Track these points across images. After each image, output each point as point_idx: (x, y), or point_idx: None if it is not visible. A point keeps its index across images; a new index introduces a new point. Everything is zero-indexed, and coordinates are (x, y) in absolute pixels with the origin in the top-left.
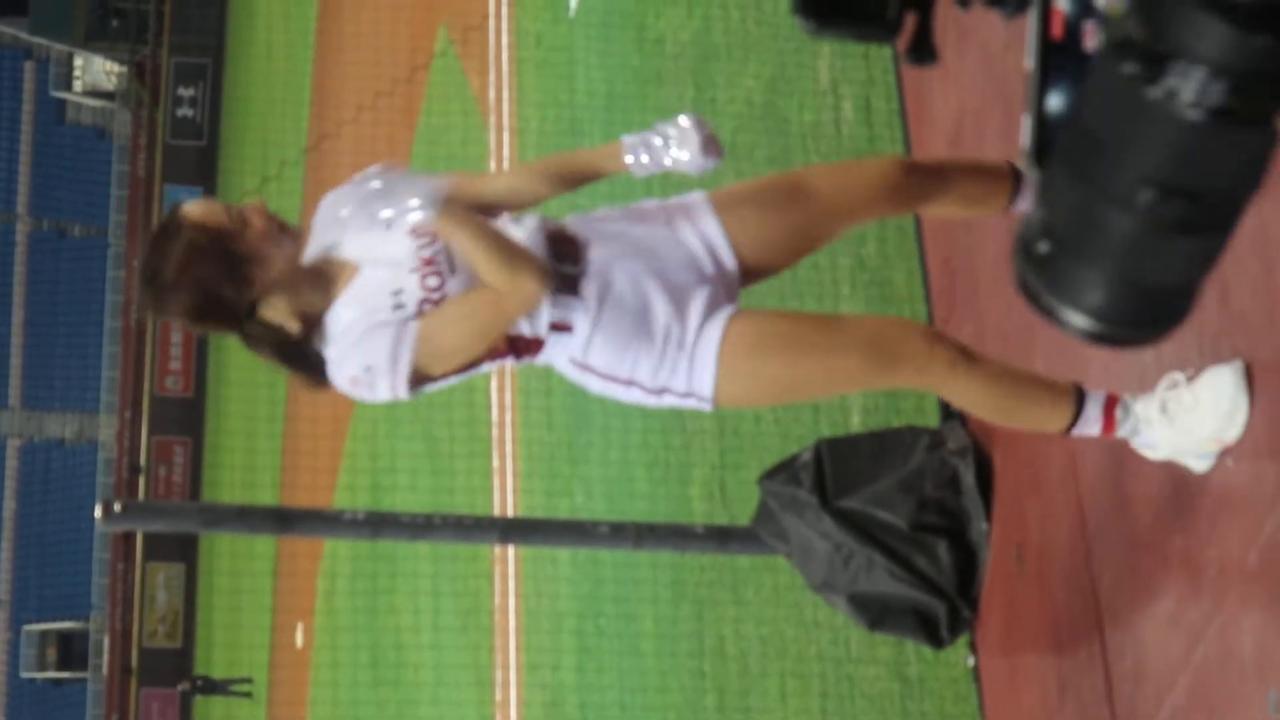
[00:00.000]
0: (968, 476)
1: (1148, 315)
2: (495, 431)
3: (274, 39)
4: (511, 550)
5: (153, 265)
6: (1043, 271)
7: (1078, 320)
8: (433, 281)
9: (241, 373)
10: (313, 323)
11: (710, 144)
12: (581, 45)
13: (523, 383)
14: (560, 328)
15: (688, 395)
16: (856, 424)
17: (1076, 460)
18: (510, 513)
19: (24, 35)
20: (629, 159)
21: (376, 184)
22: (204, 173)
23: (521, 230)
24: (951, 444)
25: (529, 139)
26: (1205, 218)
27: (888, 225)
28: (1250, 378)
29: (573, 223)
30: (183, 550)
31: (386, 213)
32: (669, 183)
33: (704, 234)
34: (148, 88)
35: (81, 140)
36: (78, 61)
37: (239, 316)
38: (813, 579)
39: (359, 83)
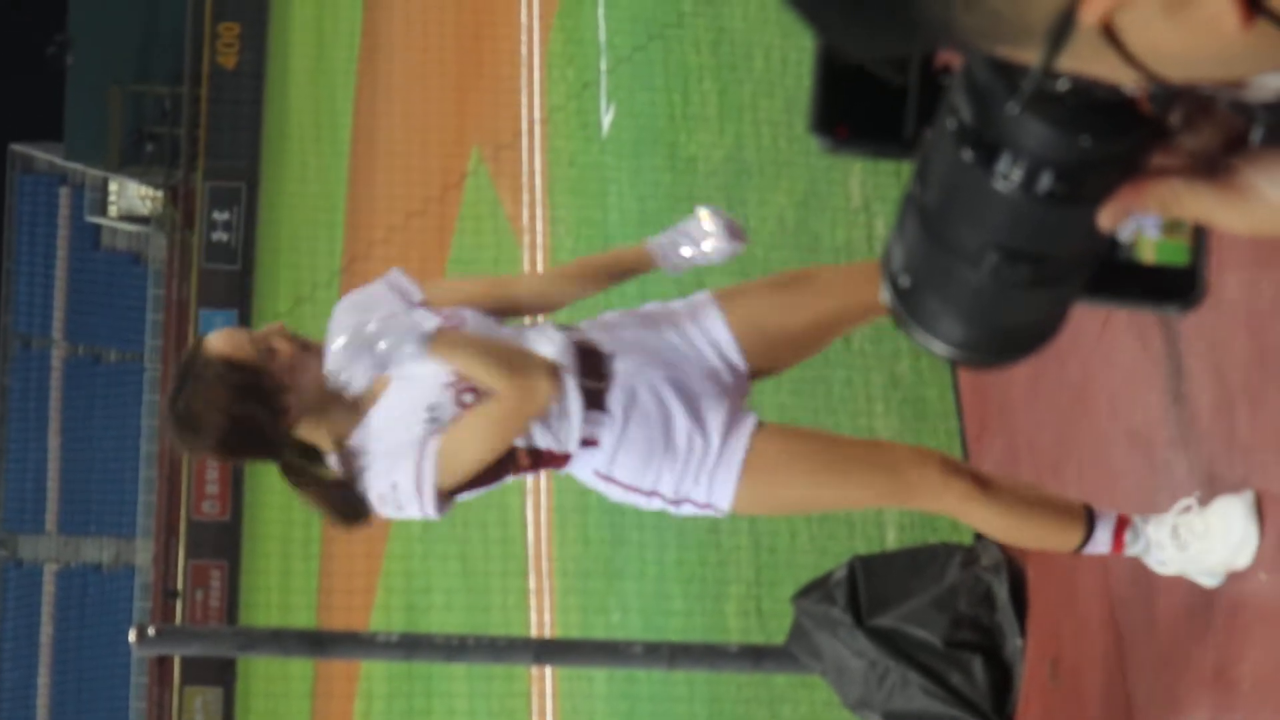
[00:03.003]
0: (1002, 593)
1: (1006, 347)
2: (531, 551)
3: (307, 161)
4: (549, 671)
5: (183, 405)
6: (905, 302)
7: (939, 348)
8: (468, 398)
9: (277, 496)
10: (344, 444)
11: (733, 230)
12: (613, 165)
13: (558, 500)
14: (588, 443)
15: (706, 506)
16: (892, 540)
17: (1110, 575)
18: (547, 632)
19: (59, 161)
20: (658, 257)
21: (372, 327)
22: (238, 296)
23: (552, 345)
24: (985, 560)
25: (562, 258)
26: (1053, 274)
27: None
28: (1261, 507)
29: (592, 332)
30: (220, 674)
31: (393, 364)
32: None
33: (712, 338)
34: (182, 212)
35: (116, 265)
36: (113, 187)
37: (276, 446)
38: (848, 697)
39: (391, 203)
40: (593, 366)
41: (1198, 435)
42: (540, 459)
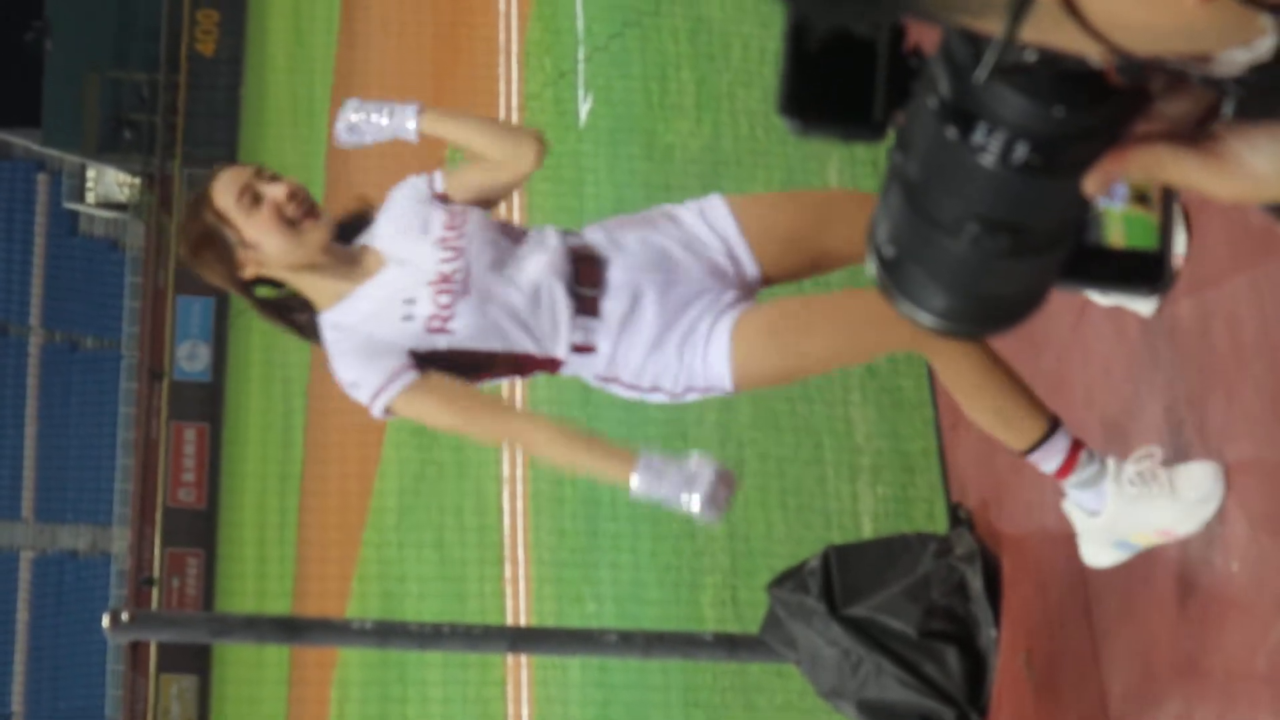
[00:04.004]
0: (976, 583)
1: (989, 317)
2: (507, 540)
3: (285, 150)
4: (524, 659)
5: (182, 234)
6: (890, 272)
7: (924, 319)
8: (444, 299)
9: (254, 482)
10: (331, 308)
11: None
12: (591, 154)
13: (534, 489)
14: (582, 349)
15: (709, 389)
16: (868, 530)
17: (1084, 565)
18: (523, 621)
19: (36, 147)
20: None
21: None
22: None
23: (546, 254)
24: (959, 550)
25: None
26: (1032, 244)
27: None
28: (1228, 484)
29: (593, 236)
30: (196, 662)
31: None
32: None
33: (723, 236)
34: (160, 199)
35: (94, 252)
36: (90, 173)
37: (240, 288)
38: (821, 686)
39: (368, 190)
40: (588, 273)
41: (1172, 426)
42: (524, 364)
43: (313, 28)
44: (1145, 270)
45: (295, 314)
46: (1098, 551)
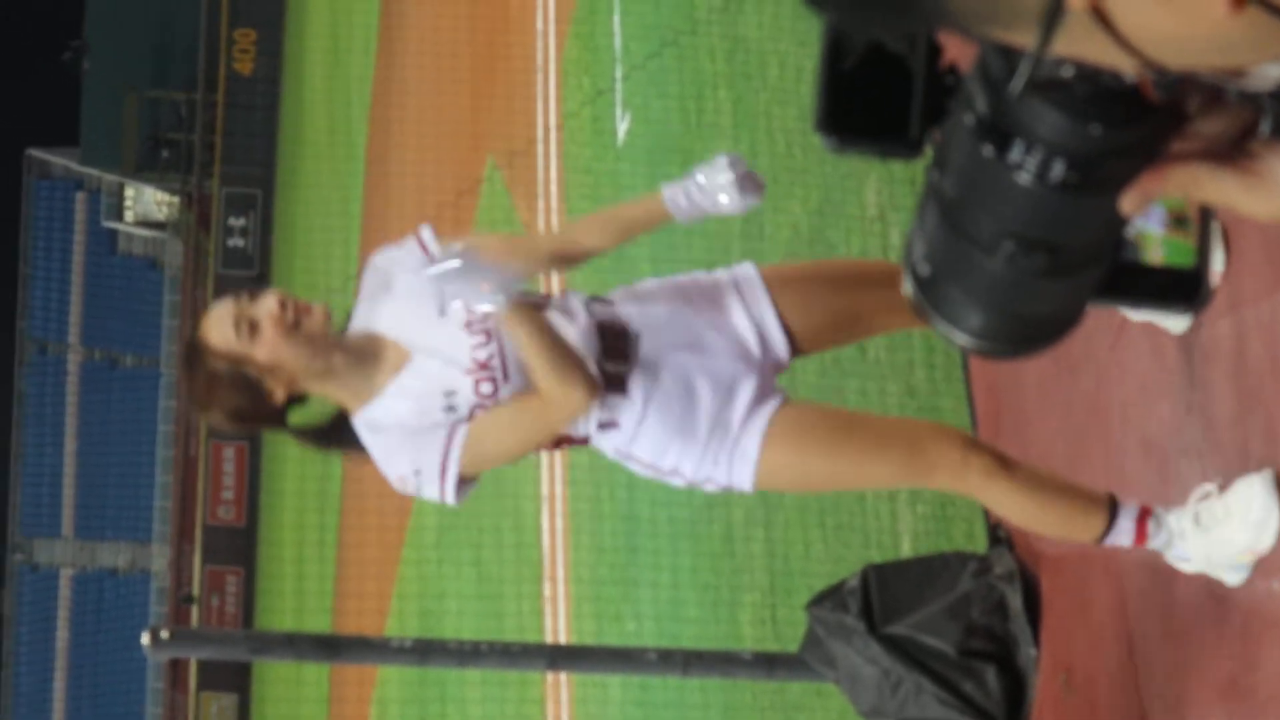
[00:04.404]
0: (1015, 601)
1: (1025, 337)
2: (546, 558)
3: (322, 167)
4: (564, 678)
5: (186, 390)
6: (925, 292)
7: (960, 338)
8: (486, 389)
9: (294, 500)
10: (359, 410)
11: (748, 181)
12: (628, 172)
13: (573, 508)
14: (606, 425)
15: (728, 487)
16: (907, 549)
17: (1124, 585)
18: (562, 640)
19: (75, 166)
20: (671, 207)
21: (456, 263)
22: None
23: (575, 328)
24: (998, 569)
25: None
26: (1069, 263)
27: (936, 352)
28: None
29: (622, 304)
30: (236, 680)
31: (456, 304)
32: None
33: (757, 317)
34: (198, 217)
35: (133, 270)
36: (129, 192)
37: (274, 421)
38: (861, 705)
39: (406, 208)
40: (616, 347)
41: (1211, 445)
42: (558, 441)
43: (350, 47)
44: (1182, 288)
45: (336, 434)
46: (1226, 578)
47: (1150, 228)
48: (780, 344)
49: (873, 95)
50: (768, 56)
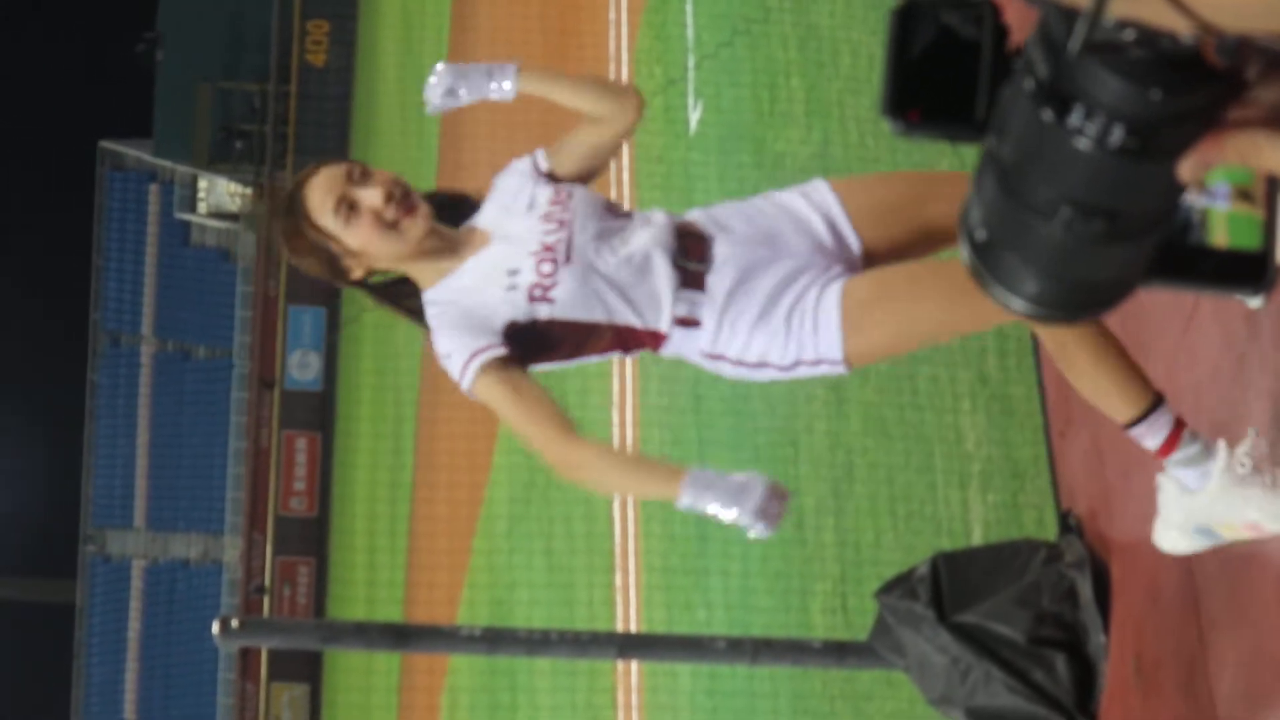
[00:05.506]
0: (1085, 589)
1: (1081, 303)
2: (617, 548)
3: (395, 158)
4: (635, 667)
5: (274, 233)
6: (982, 257)
7: (1016, 304)
8: (547, 268)
9: (365, 490)
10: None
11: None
12: (701, 161)
13: (644, 500)
14: (687, 322)
15: (819, 362)
16: (978, 538)
17: (1194, 572)
18: (633, 629)
19: (149, 158)
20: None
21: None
22: (328, 293)
23: (651, 227)
24: (1069, 557)
25: None
26: (1127, 230)
27: (1008, 340)
28: None
29: (698, 217)
30: (307, 670)
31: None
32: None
33: (827, 213)
34: (271, 209)
35: (206, 262)
36: (202, 184)
37: (354, 285)
38: (930, 693)
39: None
40: (694, 248)
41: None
42: (628, 338)
43: (422, 37)
44: (1248, 269)
45: (406, 299)
46: (1176, 537)
47: (1216, 204)
48: (851, 236)
49: (939, 78)
50: (840, 45)
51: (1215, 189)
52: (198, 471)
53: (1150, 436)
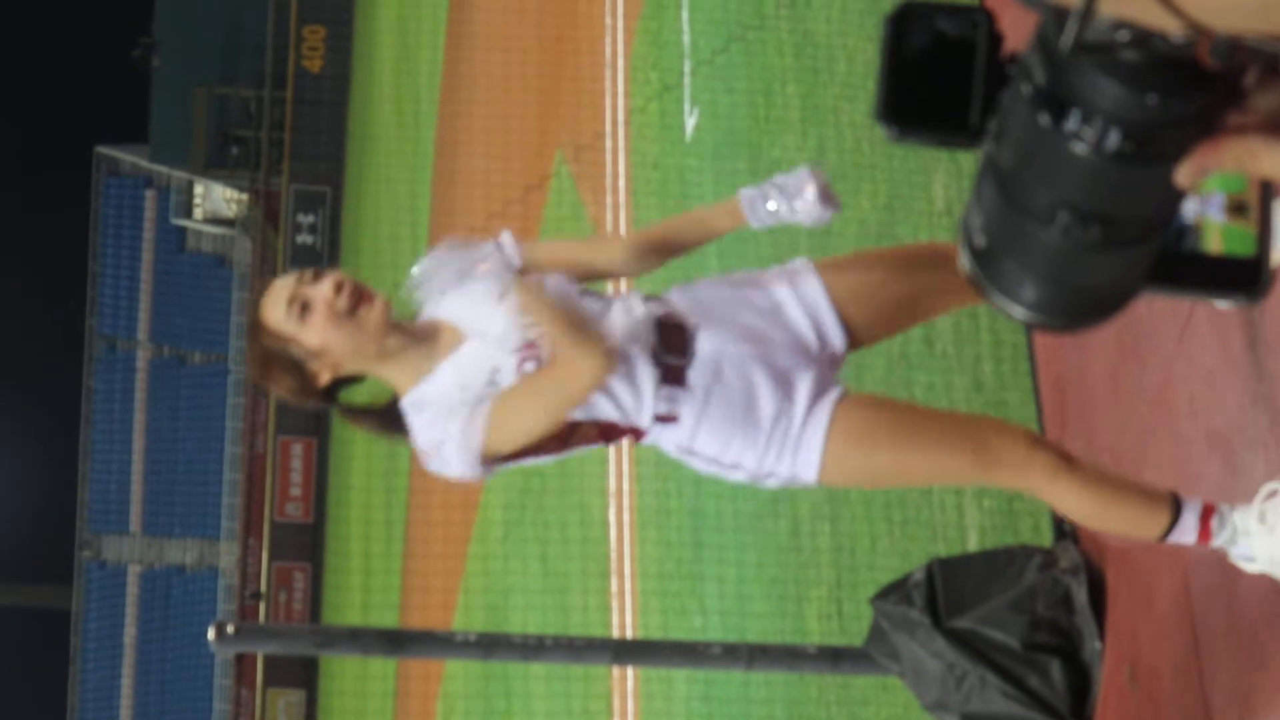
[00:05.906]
0: (1080, 595)
1: (1082, 309)
2: (613, 553)
3: (391, 164)
4: (630, 672)
5: (247, 360)
6: (981, 264)
7: (1017, 312)
8: (530, 367)
9: (361, 496)
10: (409, 392)
11: (827, 194)
12: (696, 168)
13: (640, 503)
14: (666, 419)
15: (791, 480)
16: (973, 543)
17: (1189, 579)
18: (629, 635)
19: (144, 163)
20: (746, 212)
21: (486, 265)
22: None
23: (630, 319)
24: (1064, 563)
25: None
26: (1124, 235)
27: (1003, 346)
28: None
29: (679, 302)
30: (303, 675)
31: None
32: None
33: (811, 308)
34: (266, 215)
35: (201, 267)
36: (198, 189)
37: (327, 400)
38: (926, 699)
39: (474, 204)
40: (675, 342)
41: (1277, 439)
42: (609, 432)
43: (418, 43)
44: (1242, 276)
45: (383, 417)
46: None
47: (1210, 215)
48: (836, 335)
49: (933, 84)
50: (836, 51)
51: (1210, 199)
52: (193, 477)
53: (1184, 538)
